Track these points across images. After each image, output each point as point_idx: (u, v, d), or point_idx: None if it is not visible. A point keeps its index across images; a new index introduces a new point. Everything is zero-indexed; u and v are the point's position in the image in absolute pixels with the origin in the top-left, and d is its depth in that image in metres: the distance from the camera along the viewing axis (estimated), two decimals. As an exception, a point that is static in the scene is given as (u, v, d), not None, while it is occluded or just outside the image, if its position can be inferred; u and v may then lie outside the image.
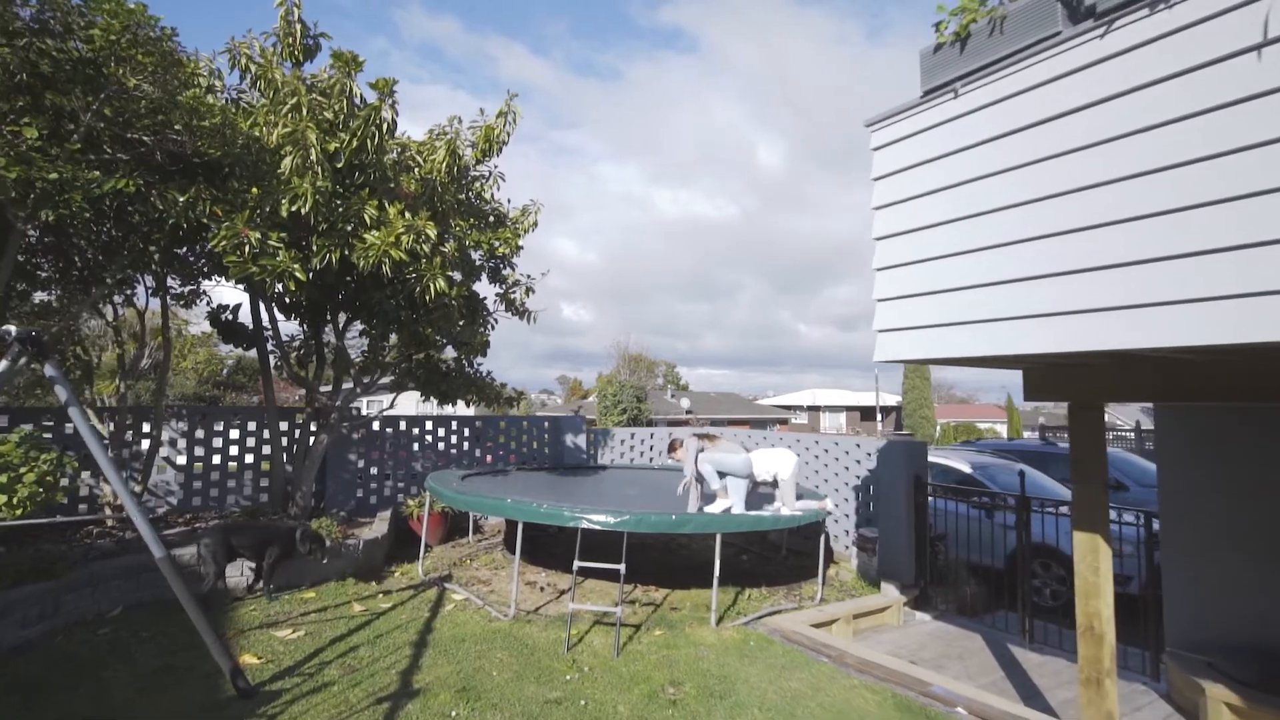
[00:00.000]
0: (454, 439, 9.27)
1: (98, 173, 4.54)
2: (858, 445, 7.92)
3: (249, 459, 7.76)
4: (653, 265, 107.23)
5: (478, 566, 6.97)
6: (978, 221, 3.16)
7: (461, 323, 7.21)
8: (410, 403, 19.51)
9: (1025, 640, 5.77)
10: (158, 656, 4.22)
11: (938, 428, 44.34)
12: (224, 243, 4.64)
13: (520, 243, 7.37)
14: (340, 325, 7.56)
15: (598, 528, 5.21)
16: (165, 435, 7.36)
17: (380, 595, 5.74)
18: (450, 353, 8.01)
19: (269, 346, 7.28)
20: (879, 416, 47.50)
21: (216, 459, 7.60)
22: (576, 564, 5.04)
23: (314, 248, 5.09)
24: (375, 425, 8.57)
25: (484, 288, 7.79)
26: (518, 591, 5.54)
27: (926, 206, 3.38)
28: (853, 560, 7.48)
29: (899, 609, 6.50)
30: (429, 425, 9.12)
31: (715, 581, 5.43)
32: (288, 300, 7.48)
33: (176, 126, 4.84)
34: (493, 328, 7.56)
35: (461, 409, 8.66)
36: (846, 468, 8.02)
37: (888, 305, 3.47)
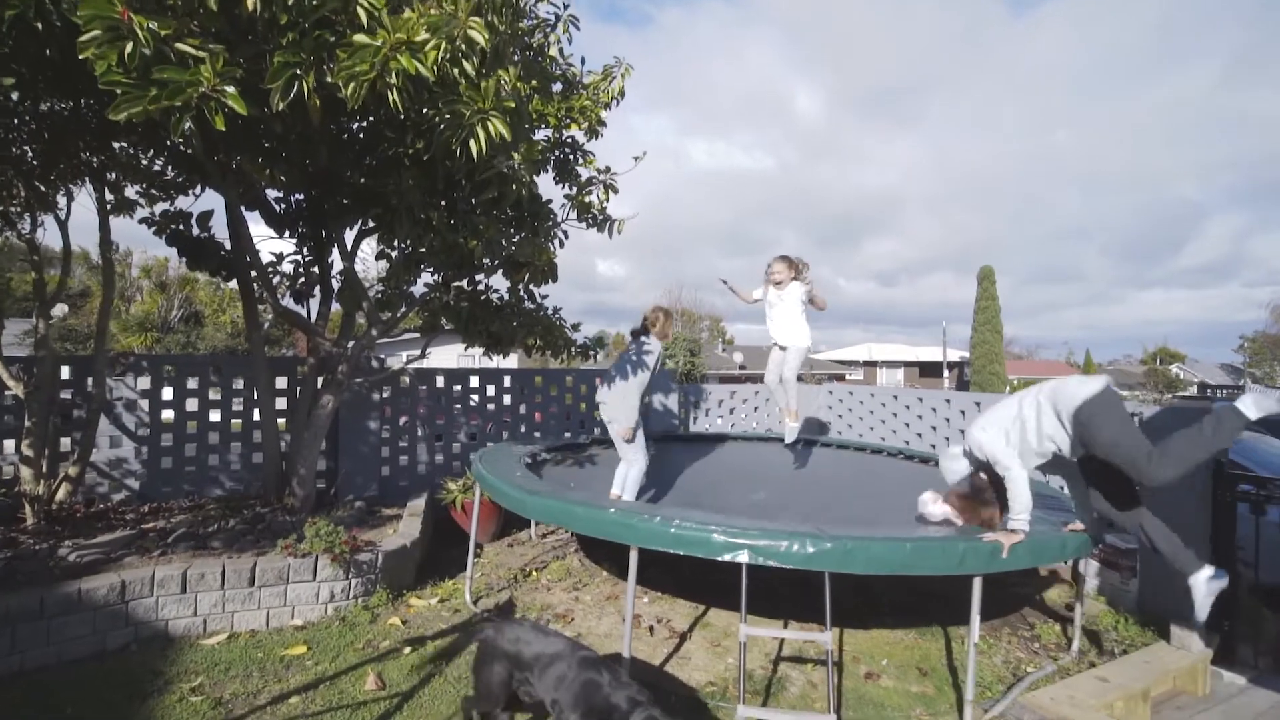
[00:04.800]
0: (507, 399, 7.13)
1: None
2: (1087, 412, 5.48)
3: (236, 424, 5.77)
4: (688, 219, 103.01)
5: (547, 583, 4.87)
6: None
7: (518, 235, 4.97)
8: (450, 357, 17.55)
9: None
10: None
11: (1008, 387, 41.36)
12: (95, 33, 2.42)
13: (603, 115, 5.03)
14: (349, 242, 5.39)
15: (774, 564, 2.98)
16: (122, 395, 5.40)
17: (407, 647, 3.66)
18: (500, 284, 5.79)
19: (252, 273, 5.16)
20: (945, 371, 44.11)
21: (193, 426, 5.63)
22: (744, 630, 2.84)
23: (274, 65, 2.85)
24: (404, 381, 6.49)
25: (547, 187, 5.51)
26: (630, 643, 3.38)
27: None
28: (1086, 581, 5.14)
29: (1204, 669, 4.18)
30: (474, 381, 6.99)
31: (972, 654, 3.14)
32: (279, 207, 5.37)
33: None
34: (562, 243, 5.29)
35: (514, 362, 6.50)
36: (1066, 444, 5.61)
37: None
